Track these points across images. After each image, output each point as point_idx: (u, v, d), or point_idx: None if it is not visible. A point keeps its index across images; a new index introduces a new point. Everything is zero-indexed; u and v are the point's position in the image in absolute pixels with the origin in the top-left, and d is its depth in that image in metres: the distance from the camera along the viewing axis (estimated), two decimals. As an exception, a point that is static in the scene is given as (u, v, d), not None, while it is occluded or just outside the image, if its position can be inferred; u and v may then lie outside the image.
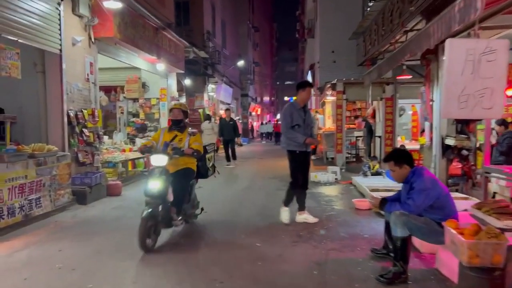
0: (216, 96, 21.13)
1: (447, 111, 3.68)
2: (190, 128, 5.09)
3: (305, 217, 5.56)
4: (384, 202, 3.92)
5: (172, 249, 4.55)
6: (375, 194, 6.70)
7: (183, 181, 4.94)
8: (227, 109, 13.70)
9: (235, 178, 10.35)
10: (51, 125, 6.93)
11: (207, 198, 7.50)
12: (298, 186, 5.60)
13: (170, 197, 4.70)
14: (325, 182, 9.24)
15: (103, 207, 6.79)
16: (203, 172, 5.45)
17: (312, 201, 7.11)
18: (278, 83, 73.31)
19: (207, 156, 5.57)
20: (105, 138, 11.77)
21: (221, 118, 14.03)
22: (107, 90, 13.45)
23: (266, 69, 49.34)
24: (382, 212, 4.26)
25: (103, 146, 10.52)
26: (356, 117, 13.88)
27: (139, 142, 12.31)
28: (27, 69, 6.81)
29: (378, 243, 4.47)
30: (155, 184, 4.44)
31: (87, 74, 7.75)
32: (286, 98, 74.92)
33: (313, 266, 3.98)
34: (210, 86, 20.24)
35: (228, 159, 12.88)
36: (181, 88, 18.84)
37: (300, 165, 5.57)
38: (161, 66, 10.94)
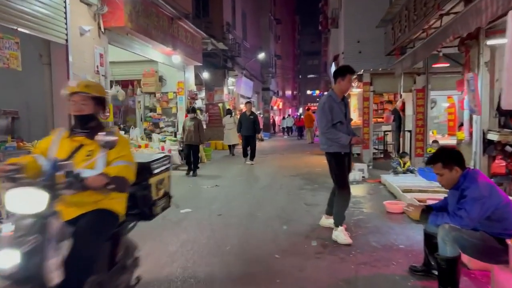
0: (236, 90, 20.59)
1: (509, 102, 2.98)
2: (103, 133, 2.45)
3: (331, 222, 4.81)
4: (426, 211, 3.26)
5: None
6: (409, 196, 6.05)
7: (90, 238, 2.36)
8: (247, 102, 12.90)
9: (254, 176, 9.79)
10: (57, 121, 6.51)
11: (223, 197, 7.00)
12: (347, 191, 4.64)
13: (56, 275, 2.10)
14: (351, 181, 8.53)
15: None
16: (144, 209, 2.92)
17: (338, 202, 6.50)
18: (300, 76, 72.18)
19: (152, 180, 2.96)
20: (122, 133, 11.48)
21: (241, 112, 13.32)
22: (124, 84, 13.18)
23: (288, 62, 48.44)
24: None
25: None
26: (390, 101, 12.90)
27: (156, 137, 11.95)
28: (33, 61, 6.46)
29: (416, 256, 3.83)
30: (12, 256, 1.98)
31: (97, 66, 7.32)
32: (308, 92, 74.17)
33: (342, 285, 3.38)
34: (230, 80, 19.71)
35: (245, 155, 12.18)
36: (200, 82, 18.42)
37: (345, 168, 4.63)
38: (177, 58, 10.45)
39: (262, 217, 5.66)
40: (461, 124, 7.86)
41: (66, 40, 6.42)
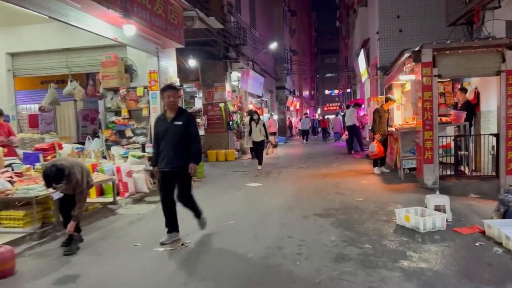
0: (242, 86, 16.73)
1: None
2: None
3: None
4: None
5: None
6: None
7: None
8: (167, 87, 4.89)
9: (255, 218, 5.92)
10: None
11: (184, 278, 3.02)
12: None
13: None
14: (427, 230, 4.67)
15: None
16: None
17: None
18: (318, 76, 67.89)
19: None
20: (67, 148, 7.85)
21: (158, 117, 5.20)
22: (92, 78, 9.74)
23: (305, 60, 44.32)
24: None
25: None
26: (464, 89, 8.78)
27: (117, 152, 8.26)
28: None
29: None
30: None
31: None
32: (326, 92, 69.68)
33: None
34: (235, 74, 15.92)
35: (167, 225, 4.87)
36: (196, 77, 14.78)
37: None
38: (131, 29, 6.65)
39: None
40: None
41: None
